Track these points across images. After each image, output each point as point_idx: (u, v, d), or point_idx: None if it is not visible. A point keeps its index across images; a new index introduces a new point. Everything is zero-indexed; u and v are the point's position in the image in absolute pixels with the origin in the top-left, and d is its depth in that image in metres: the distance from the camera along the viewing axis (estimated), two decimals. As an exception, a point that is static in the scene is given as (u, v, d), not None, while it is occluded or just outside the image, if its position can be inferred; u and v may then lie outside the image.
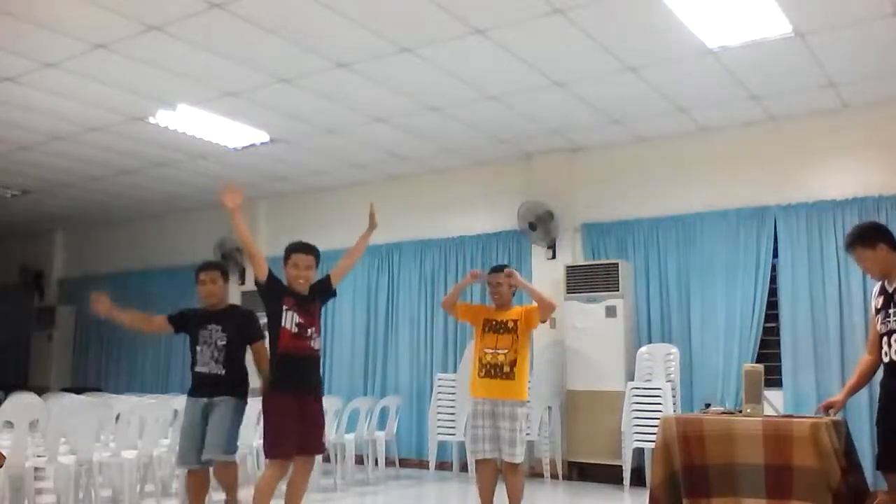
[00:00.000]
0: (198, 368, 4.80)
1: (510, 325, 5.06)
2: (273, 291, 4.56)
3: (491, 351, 5.01)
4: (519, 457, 4.88)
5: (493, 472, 5.00)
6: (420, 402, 8.63)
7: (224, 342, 4.78)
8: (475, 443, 4.95)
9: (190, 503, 4.84)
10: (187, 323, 4.98)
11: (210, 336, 4.81)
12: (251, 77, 6.30)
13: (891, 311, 4.04)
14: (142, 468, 6.08)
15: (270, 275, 4.59)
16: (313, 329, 4.56)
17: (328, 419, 7.19)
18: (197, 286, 5.04)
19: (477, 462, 5.03)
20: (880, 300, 4.15)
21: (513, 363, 4.95)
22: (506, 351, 4.98)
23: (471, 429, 5.03)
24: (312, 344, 4.54)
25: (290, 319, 4.48)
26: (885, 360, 4.11)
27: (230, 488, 4.74)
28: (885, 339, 4.08)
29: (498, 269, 5.28)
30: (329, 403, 7.29)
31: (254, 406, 5.04)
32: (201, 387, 4.77)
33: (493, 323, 5.10)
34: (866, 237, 4.18)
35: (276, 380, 4.48)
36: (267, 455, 4.52)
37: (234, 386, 4.75)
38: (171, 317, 5.05)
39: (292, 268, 4.60)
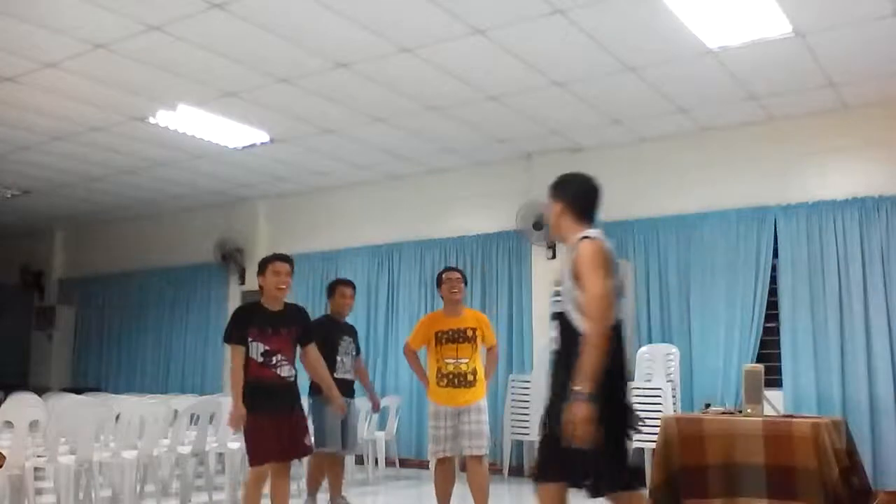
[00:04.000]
0: (339, 375, 5.57)
1: (469, 333, 5.11)
2: (240, 333, 4.54)
3: (453, 361, 5.06)
4: (485, 448, 5.02)
5: (451, 470, 5.13)
6: (420, 402, 8.61)
7: (355, 353, 5.91)
8: (437, 443, 5.04)
9: (327, 481, 5.82)
10: (332, 337, 5.72)
11: (347, 347, 5.82)
12: (251, 77, 6.30)
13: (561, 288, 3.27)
14: (142, 468, 6.08)
15: (231, 332, 4.57)
16: (280, 356, 4.54)
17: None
18: (336, 297, 5.93)
19: (440, 462, 5.10)
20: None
21: (474, 371, 5.07)
22: (467, 360, 5.06)
23: (432, 429, 5.11)
24: (279, 371, 4.55)
25: (255, 349, 4.49)
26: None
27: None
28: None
29: (453, 268, 5.46)
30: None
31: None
32: (343, 390, 5.48)
33: (450, 332, 5.11)
34: (554, 186, 3.45)
35: (249, 402, 4.47)
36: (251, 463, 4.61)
37: None
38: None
39: (273, 275, 4.58)
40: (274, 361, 4.50)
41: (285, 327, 4.58)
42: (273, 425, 4.46)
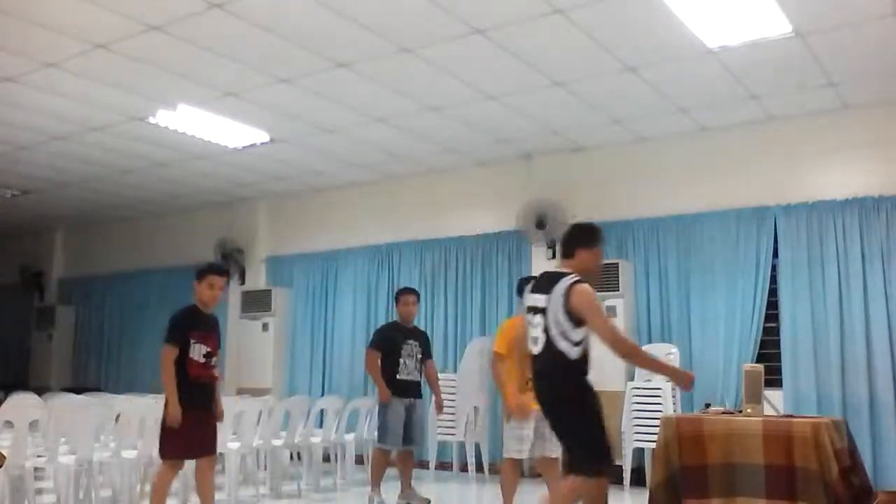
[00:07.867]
0: (402, 376, 6.17)
1: None
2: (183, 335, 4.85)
3: None
4: (558, 451, 5.21)
5: (519, 471, 5.39)
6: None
7: (420, 356, 6.32)
8: (522, 443, 5.12)
9: (402, 474, 6.29)
10: (393, 341, 6.25)
11: (411, 351, 6.25)
12: (251, 77, 6.30)
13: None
14: (142, 468, 6.08)
15: (176, 333, 4.85)
16: (215, 358, 4.92)
17: (329, 419, 7.21)
18: (400, 305, 6.37)
19: (513, 461, 5.23)
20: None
21: None
22: None
23: (517, 429, 5.12)
24: (214, 372, 4.93)
25: (197, 350, 4.81)
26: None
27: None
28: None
29: (525, 280, 5.59)
30: (329, 403, 7.30)
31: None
32: (406, 390, 6.18)
33: None
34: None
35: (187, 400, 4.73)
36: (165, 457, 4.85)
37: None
38: (379, 347, 6.28)
39: (208, 288, 4.96)
40: (213, 362, 4.85)
41: (215, 332, 4.98)
42: (195, 424, 4.73)
